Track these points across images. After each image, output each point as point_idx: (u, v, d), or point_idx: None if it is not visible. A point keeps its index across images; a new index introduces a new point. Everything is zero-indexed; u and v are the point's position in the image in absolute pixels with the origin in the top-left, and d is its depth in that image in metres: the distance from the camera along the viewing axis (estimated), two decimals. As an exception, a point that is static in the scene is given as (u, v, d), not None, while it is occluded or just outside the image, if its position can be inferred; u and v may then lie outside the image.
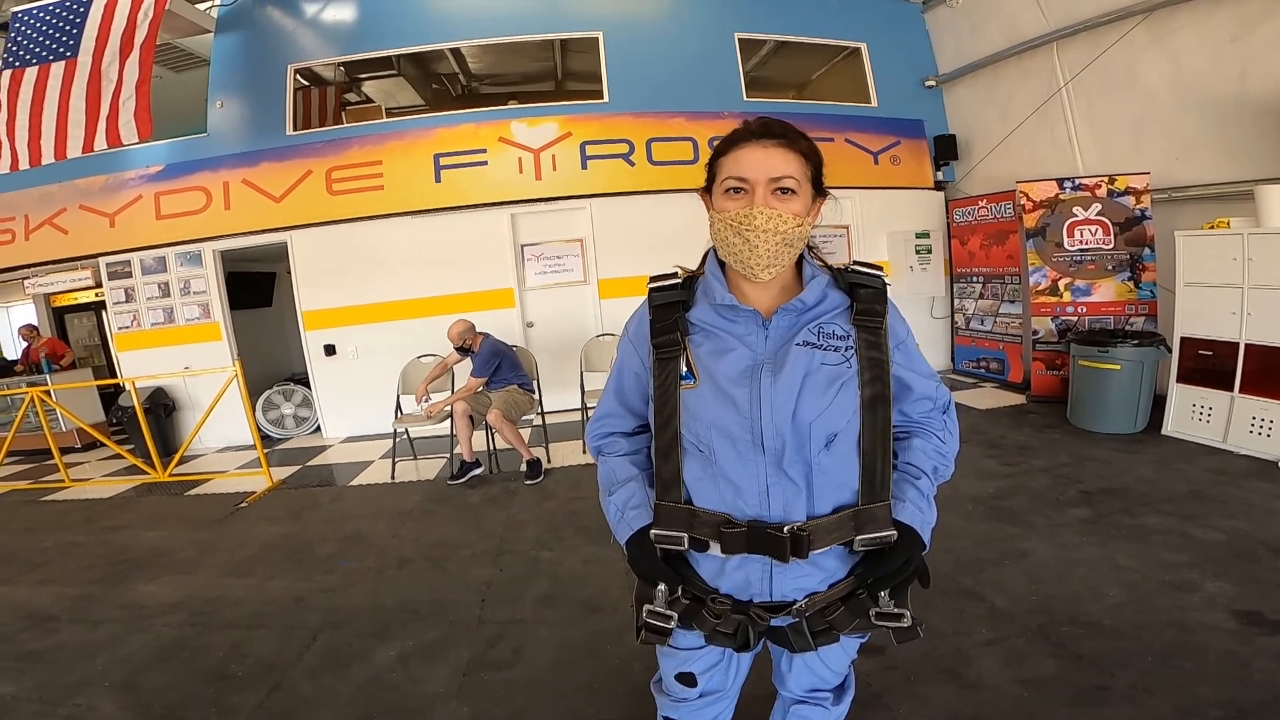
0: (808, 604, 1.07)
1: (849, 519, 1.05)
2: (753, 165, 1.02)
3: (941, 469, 1.15)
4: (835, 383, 1.03)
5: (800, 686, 1.30)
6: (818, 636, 1.10)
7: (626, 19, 6.59)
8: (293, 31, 6.54)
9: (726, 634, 1.10)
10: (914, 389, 1.13)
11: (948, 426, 1.17)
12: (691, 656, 1.23)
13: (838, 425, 1.04)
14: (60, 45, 5.53)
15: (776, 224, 1.00)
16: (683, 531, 1.08)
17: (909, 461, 1.13)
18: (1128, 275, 5.17)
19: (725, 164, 1.06)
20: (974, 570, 2.79)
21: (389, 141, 6.38)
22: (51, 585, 3.43)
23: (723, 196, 1.06)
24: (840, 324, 1.07)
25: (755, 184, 1.01)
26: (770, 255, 1.02)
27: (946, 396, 1.18)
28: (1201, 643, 2.16)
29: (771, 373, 1.04)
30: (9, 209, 6.70)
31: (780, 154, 1.02)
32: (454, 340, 4.77)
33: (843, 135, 6.86)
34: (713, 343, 1.09)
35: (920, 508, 1.08)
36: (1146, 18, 4.93)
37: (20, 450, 6.61)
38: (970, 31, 6.65)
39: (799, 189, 1.03)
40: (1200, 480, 3.56)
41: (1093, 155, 5.68)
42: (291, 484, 5.09)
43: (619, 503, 1.16)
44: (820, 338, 1.05)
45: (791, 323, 1.07)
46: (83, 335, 10.07)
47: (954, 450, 1.17)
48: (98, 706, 2.30)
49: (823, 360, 1.04)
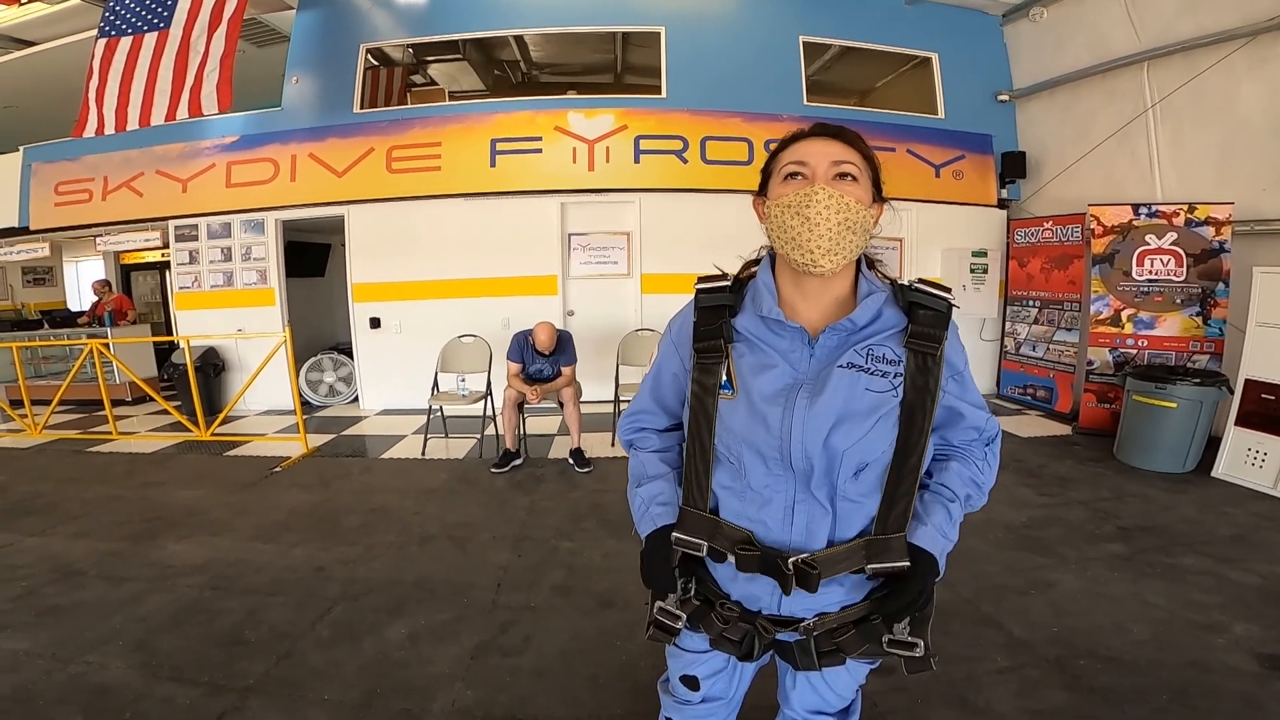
0: (816, 623, 1.05)
1: (860, 548, 1.01)
2: (813, 152, 1.00)
3: (974, 498, 1.10)
4: (876, 412, 0.97)
5: (803, 706, 1.26)
6: (824, 657, 1.07)
7: (690, 15, 6.54)
8: (368, 11, 6.70)
9: (732, 640, 1.09)
10: (965, 417, 1.09)
11: (988, 459, 1.12)
12: (696, 660, 1.22)
13: (871, 456, 0.99)
14: (155, 16, 5.78)
15: (838, 203, 0.96)
16: (704, 540, 1.06)
17: (943, 483, 1.08)
18: (1196, 310, 4.90)
19: (784, 156, 1.03)
20: (996, 598, 2.72)
21: (449, 124, 6.48)
22: (86, 539, 3.54)
23: (781, 184, 1.02)
24: (892, 346, 1.00)
25: (816, 167, 0.99)
26: (832, 239, 0.96)
27: (995, 429, 1.13)
28: (1219, 684, 2.12)
29: (809, 395, 0.99)
30: (90, 170, 7.06)
31: (840, 146, 1.00)
32: (545, 348, 4.62)
33: (905, 145, 6.68)
34: (755, 355, 1.05)
35: (944, 531, 1.03)
36: (1250, 41, 4.65)
37: (72, 400, 6.94)
38: (1053, 46, 6.38)
39: (860, 178, 1.00)
40: (1245, 524, 3.43)
41: (1173, 182, 5.38)
42: (325, 452, 5.22)
43: (645, 496, 1.15)
44: (868, 360, 0.99)
45: (840, 343, 1.02)
46: (145, 292, 10.58)
47: (989, 483, 1.12)
48: (107, 665, 2.34)
49: (867, 385, 0.98)
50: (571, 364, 4.75)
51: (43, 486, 4.48)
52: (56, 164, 7.21)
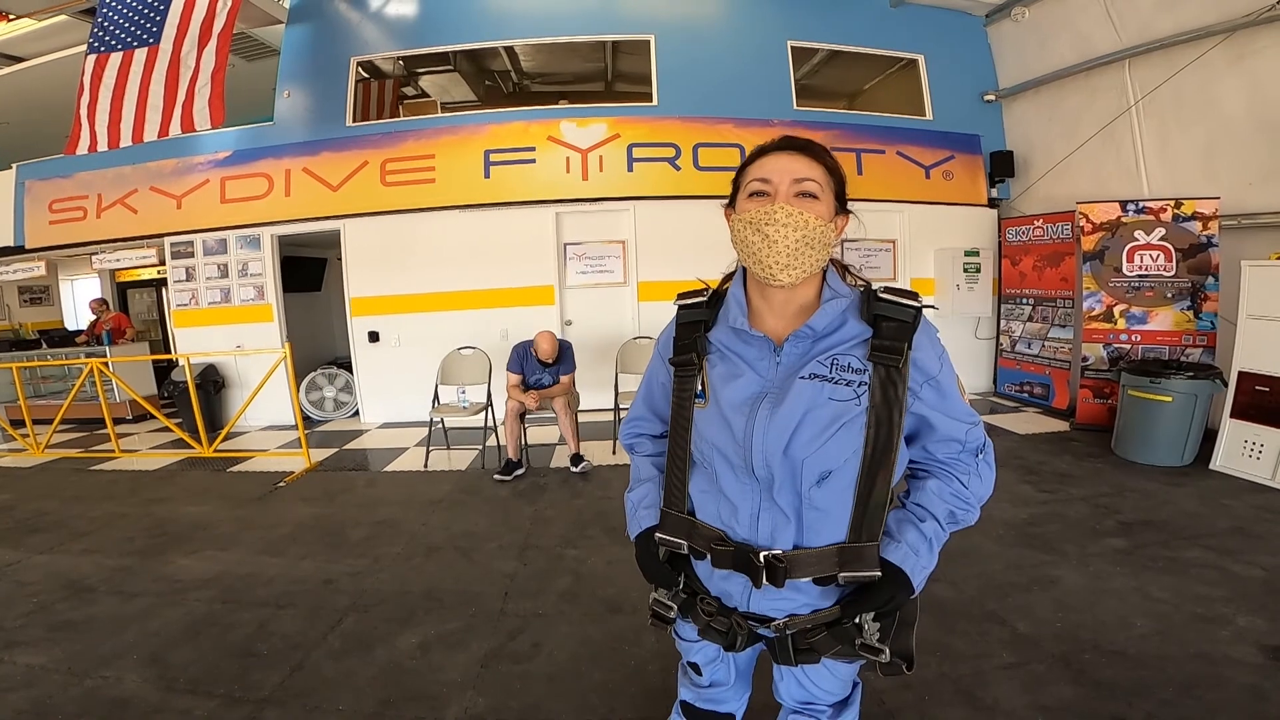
0: (787, 623, 1.10)
1: (833, 554, 1.04)
2: (776, 169, 1.04)
3: (960, 513, 1.09)
4: (837, 421, 1.00)
5: (791, 697, 1.30)
6: (800, 655, 1.12)
7: (679, 23, 6.61)
8: (358, 24, 6.75)
9: (719, 631, 1.15)
10: (937, 429, 1.08)
11: (978, 470, 1.11)
12: (692, 647, 1.30)
13: (833, 464, 1.02)
14: (144, 32, 5.77)
15: (797, 220, 1.00)
16: (683, 540, 1.14)
17: (917, 502, 1.10)
18: (1188, 304, 4.96)
19: (750, 171, 1.08)
20: (1000, 595, 2.74)
21: (443, 136, 6.52)
22: (94, 555, 3.56)
23: (746, 201, 1.06)
24: (857, 356, 1.02)
25: (778, 185, 1.03)
26: (789, 254, 1.00)
27: (979, 440, 1.11)
28: (1225, 675, 2.14)
29: (772, 404, 1.03)
30: (84, 188, 7.07)
31: (804, 161, 1.04)
32: (547, 357, 4.71)
33: (894, 147, 6.75)
34: (726, 365, 1.10)
35: (916, 550, 1.04)
36: (1227, 38, 4.73)
37: (73, 419, 6.93)
38: (1036, 46, 6.46)
39: (821, 195, 1.04)
40: (1245, 516, 3.45)
41: (1159, 178, 5.46)
42: (328, 466, 5.23)
43: (635, 500, 1.25)
44: (833, 370, 1.02)
45: (804, 350, 1.05)
46: (142, 310, 10.56)
47: (981, 495, 1.11)
48: (123, 679, 2.36)
49: (830, 395, 1.01)
50: (570, 372, 4.81)
51: (48, 505, 4.48)
52: (50, 181, 7.21)
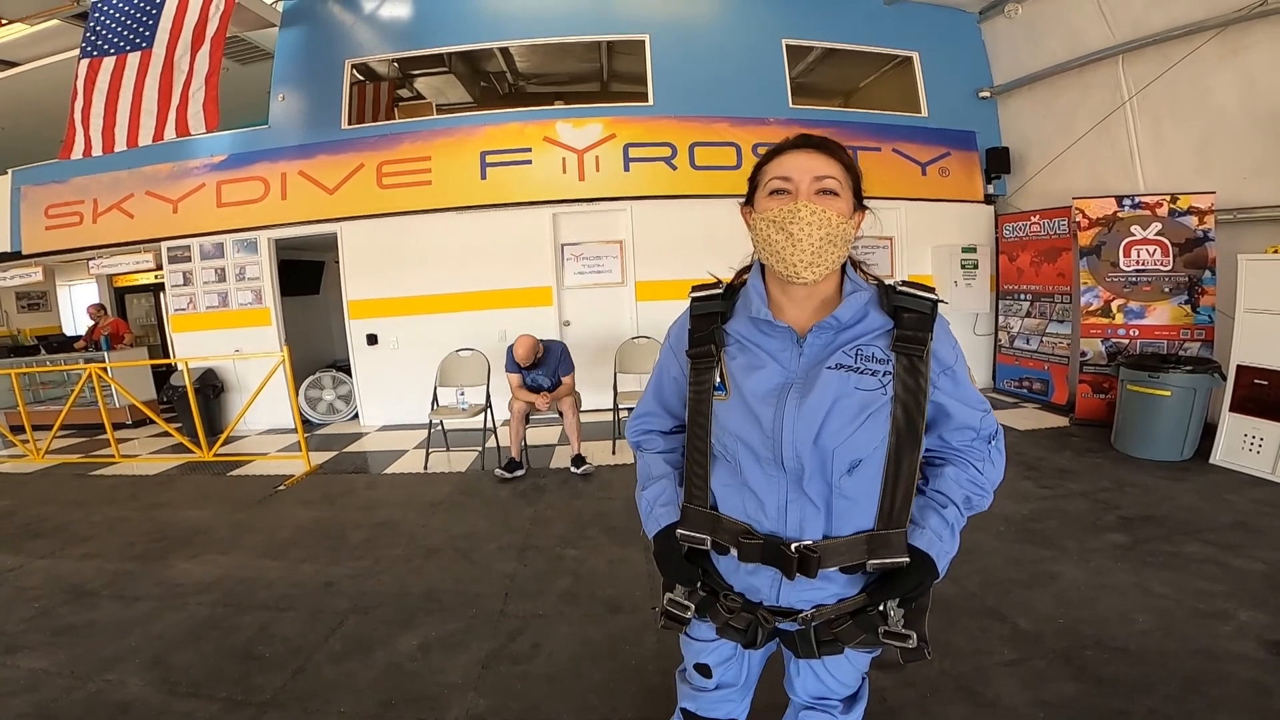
0: (814, 614, 1.09)
1: (862, 542, 1.05)
2: (796, 167, 1.04)
3: (975, 499, 1.12)
4: (865, 410, 1.02)
5: (807, 692, 1.30)
6: (823, 646, 1.12)
7: (674, 22, 6.61)
8: (351, 27, 6.74)
9: (737, 629, 1.15)
10: (954, 417, 1.11)
11: (990, 456, 1.14)
12: (706, 648, 1.28)
13: (863, 452, 1.03)
14: (137, 36, 5.74)
15: (820, 218, 1.01)
16: (706, 534, 1.12)
17: (938, 489, 1.12)
18: (1185, 299, 4.97)
19: (769, 170, 1.08)
20: (1001, 591, 2.75)
21: (439, 138, 6.52)
22: (95, 560, 3.57)
23: (766, 198, 1.07)
24: (880, 347, 1.04)
25: (799, 183, 1.03)
26: (814, 252, 1.01)
27: (992, 427, 1.14)
28: (1227, 670, 2.13)
29: (799, 394, 1.04)
30: (79, 192, 7.06)
31: (823, 158, 1.05)
32: (524, 361, 4.60)
33: (890, 145, 6.75)
34: (746, 357, 1.10)
35: (940, 535, 1.07)
36: (1220, 32, 4.73)
37: (73, 424, 6.93)
38: (1030, 42, 6.46)
39: (841, 192, 1.05)
40: (1245, 511, 3.45)
41: (1155, 173, 5.47)
42: (328, 469, 5.23)
43: (650, 498, 1.22)
44: (858, 360, 1.04)
45: (827, 341, 1.06)
46: (140, 315, 10.56)
47: (994, 480, 1.14)
48: (125, 682, 2.37)
49: (856, 384, 1.02)
50: (570, 372, 4.80)
51: (48, 510, 4.48)
52: (46, 186, 7.20)
